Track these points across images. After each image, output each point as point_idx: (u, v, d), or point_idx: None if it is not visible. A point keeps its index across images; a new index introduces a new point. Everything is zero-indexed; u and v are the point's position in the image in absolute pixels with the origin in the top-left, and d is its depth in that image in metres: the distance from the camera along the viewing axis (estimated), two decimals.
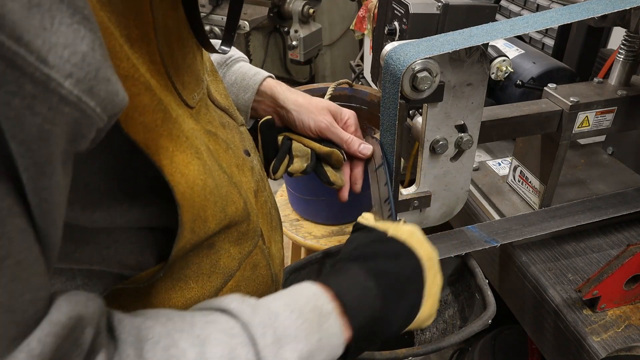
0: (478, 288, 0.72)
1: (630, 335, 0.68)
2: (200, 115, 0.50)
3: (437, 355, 1.70)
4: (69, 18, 0.26)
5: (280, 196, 1.42)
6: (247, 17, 2.19)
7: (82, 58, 0.27)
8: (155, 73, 0.41)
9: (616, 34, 1.16)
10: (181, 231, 0.42)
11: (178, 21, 0.44)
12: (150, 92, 0.37)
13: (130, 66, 0.35)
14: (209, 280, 0.51)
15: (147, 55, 0.39)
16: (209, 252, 0.50)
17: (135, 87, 0.36)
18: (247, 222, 0.54)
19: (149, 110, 0.37)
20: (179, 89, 0.44)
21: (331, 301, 0.44)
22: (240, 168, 0.55)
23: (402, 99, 0.60)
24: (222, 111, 0.59)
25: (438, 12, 0.87)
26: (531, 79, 0.99)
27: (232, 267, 0.53)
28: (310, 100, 0.72)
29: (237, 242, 0.53)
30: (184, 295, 0.49)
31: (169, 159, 0.39)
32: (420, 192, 0.71)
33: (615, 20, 0.76)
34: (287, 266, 0.76)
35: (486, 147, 1.10)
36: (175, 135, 0.40)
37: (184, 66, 0.45)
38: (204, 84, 0.52)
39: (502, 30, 0.59)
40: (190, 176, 0.41)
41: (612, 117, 0.80)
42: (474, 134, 0.67)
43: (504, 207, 0.88)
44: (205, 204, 0.44)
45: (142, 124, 0.37)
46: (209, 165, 0.45)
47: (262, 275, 0.60)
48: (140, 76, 0.36)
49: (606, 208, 0.82)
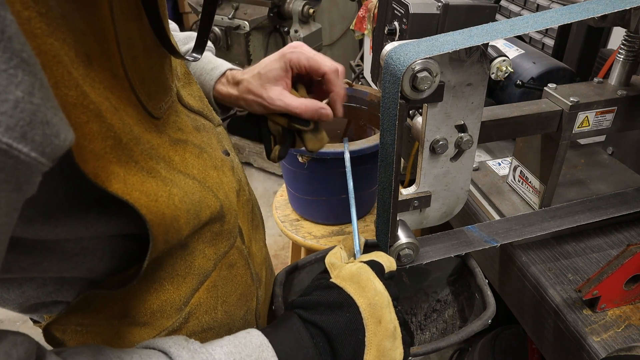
0: (478, 288, 0.72)
1: (630, 335, 0.68)
2: (167, 124, 0.49)
3: (437, 355, 1.70)
4: (4, 64, 0.25)
5: (280, 196, 1.42)
6: (247, 17, 2.18)
7: (14, 105, 0.26)
8: (117, 89, 0.40)
9: (616, 34, 1.16)
10: (154, 244, 0.42)
11: (142, 32, 0.43)
12: (99, 119, 0.36)
13: (79, 94, 0.34)
14: (184, 281, 0.51)
15: (109, 71, 0.39)
16: (183, 254, 0.50)
17: (84, 114, 0.35)
18: (221, 222, 0.53)
19: (98, 137, 0.36)
20: (143, 102, 0.44)
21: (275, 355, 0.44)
22: (219, 169, 0.55)
23: (402, 99, 0.60)
24: (197, 114, 0.58)
25: (438, 12, 0.87)
26: (531, 79, 0.99)
27: (208, 268, 0.53)
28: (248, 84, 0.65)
29: (211, 242, 0.53)
30: (159, 297, 0.49)
31: (122, 182, 0.38)
32: (420, 192, 0.71)
33: (615, 20, 0.76)
34: (287, 266, 0.76)
35: (486, 147, 1.10)
36: (124, 161, 0.39)
37: (150, 77, 0.45)
38: (173, 92, 0.52)
39: (502, 30, 0.59)
40: (150, 191, 0.41)
41: (612, 117, 0.80)
42: (474, 134, 0.67)
43: (504, 207, 0.88)
44: (177, 214, 0.43)
45: (92, 152, 0.36)
46: (169, 178, 0.44)
47: (241, 275, 0.60)
48: (90, 103, 0.35)
49: (606, 208, 0.82)
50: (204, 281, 0.53)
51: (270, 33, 2.29)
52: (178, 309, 0.51)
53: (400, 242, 0.67)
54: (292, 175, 1.25)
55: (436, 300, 0.82)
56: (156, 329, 0.50)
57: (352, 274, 0.51)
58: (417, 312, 0.84)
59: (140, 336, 0.50)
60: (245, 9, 2.21)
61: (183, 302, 0.51)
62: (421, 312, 0.84)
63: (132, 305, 0.48)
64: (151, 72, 0.45)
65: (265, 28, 2.25)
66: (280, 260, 2.17)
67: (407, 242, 0.67)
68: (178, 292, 0.50)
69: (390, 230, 0.66)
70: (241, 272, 0.60)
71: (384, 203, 0.66)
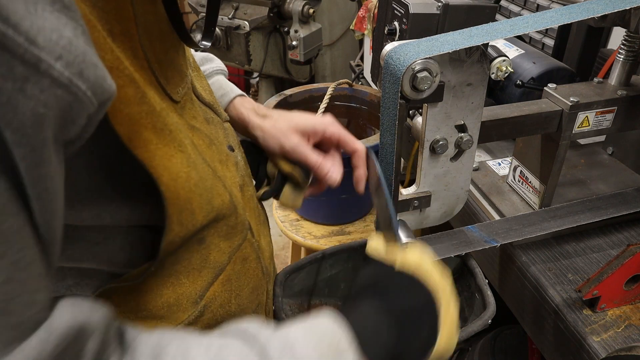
0: (478, 288, 0.72)
1: (630, 335, 0.68)
2: (185, 110, 0.50)
3: None
4: (50, 5, 0.26)
5: None
6: (247, 17, 2.18)
7: (69, 42, 0.26)
8: (139, 68, 0.40)
9: (616, 34, 1.16)
10: (169, 223, 0.42)
11: (157, 16, 0.44)
12: (134, 85, 0.37)
13: (114, 58, 0.35)
14: (200, 275, 0.51)
15: (130, 50, 0.39)
16: (199, 247, 0.50)
17: (120, 79, 0.35)
18: (235, 215, 0.54)
19: (134, 102, 0.37)
20: (162, 84, 0.44)
21: (348, 339, 0.44)
22: (224, 163, 0.56)
23: (402, 99, 0.60)
24: (207, 107, 0.59)
25: (438, 12, 0.87)
26: (531, 79, 0.99)
27: (223, 261, 0.54)
28: (275, 122, 0.67)
29: (226, 236, 0.54)
30: (176, 290, 0.50)
31: (152, 152, 0.39)
32: (420, 192, 0.71)
33: (615, 20, 0.76)
34: (287, 266, 0.76)
35: (486, 147, 1.10)
36: (159, 128, 0.40)
37: (166, 61, 0.45)
38: (188, 79, 0.52)
39: (502, 30, 0.59)
40: (173, 169, 0.41)
41: (612, 117, 0.80)
42: (474, 134, 0.67)
43: (504, 207, 0.88)
44: (191, 196, 0.44)
45: (127, 116, 0.37)
46: (193, 158, 0.45)
47: (253, 269, 0.60)
48: (125, 69, 0.36)
49: (606, 208, 0.82)
50: (219, 275, 0.54)
51: (270, 33, 2.29)
52: (194, 302, 0.51)
53: (400, 242, 0.67)
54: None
55: None
56: (172, 322, 0.50)
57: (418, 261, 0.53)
58: None
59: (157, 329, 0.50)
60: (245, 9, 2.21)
61: (199, 296, 0.52)
62: None
63: (148, 299, 0.48)
64: (167, 56, 0.46)
65: (265, 28, 2.25)
66: (280, 260, 2.17)
67: (407, 242, 0.67)
68: (194, 285, 0.51)
69: None
70: (253, 266, 0.60)
71: None
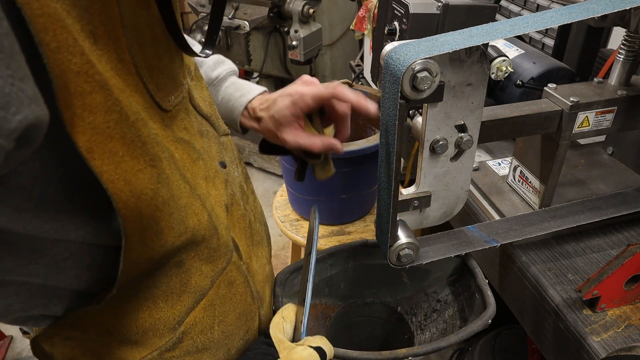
0: (478, 288, 0.72)
1: (630, 335, 0.68)
2: (175, 120, 0.48)
3: (437, 355, 1.70)
4: None
5: (280, 196, 1.42)
6: (247, 17, 2.18)
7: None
8: (123, 72, 0.39)
9: (616, 34, 1.16)
10: (127, 242, 0.40)
11: (151, 20, 0.42)
12: (105, 91, 0.35)
13: (84, 62, 0.33)
14: (179, 299, 0.49)
15: (114, 53, 0.38)
16: (178, 271, 0.48)
17: (87, 84, 0.34)
18: (217, 236, 0.52)
19: (101, 110, 0.35)
20: (151, 90, 0.42)
21: None
22: (210, 180, 0.54)
23: (402, 99, 0.60)
24: (204, 118, 0.57)
25: (438, 12, 0.87)
26: (531, 79, 0.99)
27: (205, 286, 0.52)
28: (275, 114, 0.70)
29: (208, 259, 0.52)
30: (152, 315, 0.48)
31: (115, 165, 0.37)
32: (420, 192, 0.71)
33: (615, 20, 0.75)
34: (287, 266, 0.76)
35: (486, 147, 1.10)
36: (128, 140, 0.37)
37: (158, 67, 0.43)
38: (184, 88, 0.50)
39: (502, 30, 0.59)
40: (137, 184, 0.39)
41: (612, 117, 0.80)
42: (474, 134, 0.67)
43: (504, 207, 0.88)
44: (158, 215, 0.41)
45: (91, 125, 0.34)
46: (166, 174, 0.42)
47: (240, 293, 0.58)
48: (96, 74, 0.34)
49: (606, 208, 0.82)
50: (200, 300, 0.52)
51: (270, 33, 2.29)
52: (171, 328, 0.50)
53: (400, 242, 0.67)
54: (292, 175, 1.25)
55: (436, 300, 0.82)
56: (148, 348, 0.49)
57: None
58: (417, 312, 0.84)
59: (131, 354, 0.48)
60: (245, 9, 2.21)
61: (177, 321, 0.50)
62: (421, 312, 0.84)
63: (122, 323, 0.46)
64: (160, 62, 0.44)
65: (265, 28, 2.25)
66: (280, 260, 2.17)
67: (407, 242, 0.67)
68: (172, 310, 0.49)
69: (390, 230, 0.66)
70: (240, 291, 0.58)
71: (384, 203, 0.66)
